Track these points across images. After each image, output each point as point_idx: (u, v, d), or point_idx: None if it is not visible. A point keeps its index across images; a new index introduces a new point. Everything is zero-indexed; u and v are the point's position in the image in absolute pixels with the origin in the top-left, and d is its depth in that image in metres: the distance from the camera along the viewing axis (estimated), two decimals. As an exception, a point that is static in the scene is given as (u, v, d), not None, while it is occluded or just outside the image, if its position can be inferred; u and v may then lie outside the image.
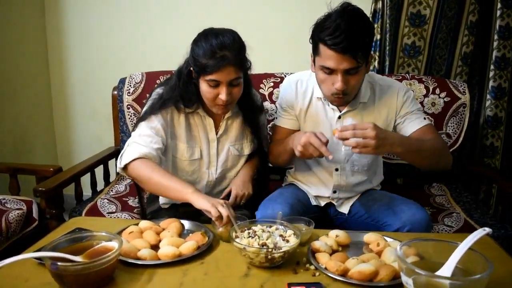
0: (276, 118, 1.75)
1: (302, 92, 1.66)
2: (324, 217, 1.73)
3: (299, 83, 1.66)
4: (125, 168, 1.46)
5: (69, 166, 2.11)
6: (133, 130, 1.55)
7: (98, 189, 2.18)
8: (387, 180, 1.85)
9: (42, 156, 2.83)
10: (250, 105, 1.67)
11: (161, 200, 1.70)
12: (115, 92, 2.23)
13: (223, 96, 1.45)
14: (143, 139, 1.48)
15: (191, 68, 1.50)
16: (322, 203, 1.70)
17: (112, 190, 2.08)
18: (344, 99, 1.50)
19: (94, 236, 1.16)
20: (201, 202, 1.32)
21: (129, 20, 2.67)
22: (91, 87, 2.82)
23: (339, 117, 1.61)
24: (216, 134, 1.65)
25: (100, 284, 1.05)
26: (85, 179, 2.11)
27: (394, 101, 1.60)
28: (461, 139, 2.15)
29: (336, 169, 1.65)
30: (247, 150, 1.72)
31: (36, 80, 2.76)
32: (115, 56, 2.71)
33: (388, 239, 1.29)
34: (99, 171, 2.21)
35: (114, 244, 1.11)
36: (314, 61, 1.51)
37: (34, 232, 1.85)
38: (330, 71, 1.43)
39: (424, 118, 1.60)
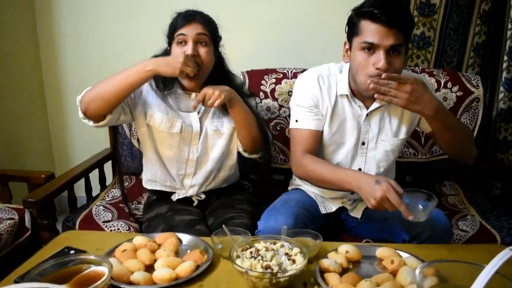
0: (297, 120, 1.52)
1: (326, 88, 1.50)
2: (333, 222, 1.63)
3: (321, 79, 1.50)
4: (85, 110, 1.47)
5: (66, 168, 2.03)
6: None
7: (94, 193, 2.08)
8: (396, 178, 1.75)
9: (37, 159, 2.72)
10: (229, 84, 1.58)
11: (148, 177, 1.69)
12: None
13: (189, 50, 1.48)
14: None
15: (167, 44, 1.56)
16: (334, 208, 1.60)
17: (108, 196, 1.99)
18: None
19: (83, 259, 1.06)
20: (164, 69, 1.38)
21: (125, 20, 2.55)
22: (85, 87, 2.71)
23: (367, 115, 1.49)
24: (198, 113, 1.61)
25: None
26: (81, 182, 2.02)
27: None
28: (474, 134, 2.04)
29: (360, 169, 1.55)
30: (227, 126, 1.65)
31: (29, 82, 2.64)
32: (110, 57, 2.59)
33: (403, 254, 1.19)
34: (94, 174, 2.12)
35: (103, 270, 1.01)
36: (350, 47, 1.41)
37: (27, 242, 1.77)
38: (372, 50, 1.32)
39: None
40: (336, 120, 1.51)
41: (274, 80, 2.09)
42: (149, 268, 1.14)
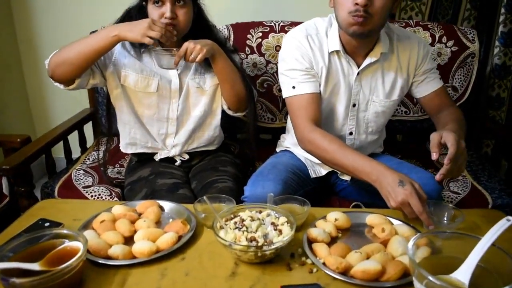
0: (293, 87, 1.39)
1: (318, 48, 1.39)
2: (322, 185, 1.58)
3: (310, 39, 1.39)
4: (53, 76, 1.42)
5: (46, 130, 1.93)
6: None
7: (75, 156, 2.00)
8: (387, 136, 1.70)
9: (16, 123, 2.60)
10: (211, 39, 1.48)
11: (127, 141, 1.63)
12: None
13: (167, 13, 1.39)
14: None
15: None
16: (324, 172, 1.54)
17: (88, 159, 1.91)
18: (365, 24, 1.24)
19: (57, 234, 1.00)
20: (130, 34, 1.32)
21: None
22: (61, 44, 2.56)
23: (358, 74, 1.41)
24: (177, 70, 1.53)
25: (64, 294, 0.90)
26: (60, 145, 1.94)
27: (415, 54, 1.43)
28: (468, 92, 1.98)
29: (351, 133, 1.49)
30: (210, 83, 1.58)
31: (2, 43, 2.48)
32: (86, 14, 2.43)
33: (394, 222, 1.15)
34: (74, 136, 2.03)
35: (78, 245, 0.95)
36: None
37: (6, 209, 1.70)
38: None
39: (440, 79, 1.46)
40: (331, 82, 1.42)
41: (260, 34, 1.98)
42: (129, 240, 1.08)
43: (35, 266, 0.90)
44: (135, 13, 1.50)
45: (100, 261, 0.99)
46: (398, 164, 1.44)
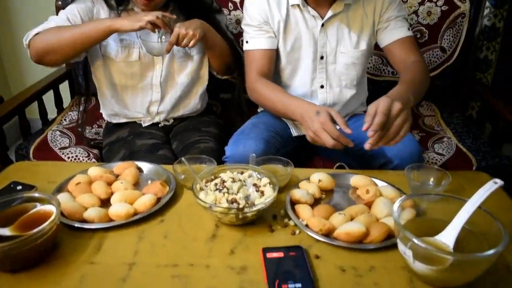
0: (247, 42, 1.44)
1: (276, 2, 1.39)
2: (304, 144, 1.54)
3: None
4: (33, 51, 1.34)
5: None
6: None
7: (51, 117, 1.93)
8: (372, 97, 1.65)
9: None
10: (193, 4, 1.44)
11: (109, 112, 1.58)
12: (59, 2, 1.89)
13: None
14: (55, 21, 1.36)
15: None
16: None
17: (65, 119, 1.84)
18: None
19: (29, 197, 0.95)
20: (122, 22, 1.25)
21: None
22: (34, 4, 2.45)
23: (322, 25, 1.38)
24: (158, 32, 1.42)
25: (37, 260, 0.86)
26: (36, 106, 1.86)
27: (380, 0, 1.38)
28: (456, 53, 1.93)
29: (322, 86, 1.45)
30: (195, 50, 1.51)
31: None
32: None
33: (379, 183, 1.12)
34: (50, 97, 1.95)
35: (51, 209, 0.91)
36: None
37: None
38: None
39: (408, 29, 1.40)
40: (290, 36, 1.41)
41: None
42: (106, 203, 1.04)
43: (5, 231, 0.87)
44: None
45: (75, 225, 0.96)
46: None
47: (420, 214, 0.93)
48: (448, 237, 0.82)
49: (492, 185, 0.85)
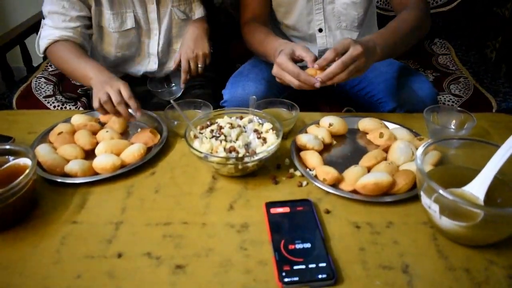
0: None
1: None
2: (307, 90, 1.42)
3: None
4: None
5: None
6: None
7: (36, 63, 1.79)
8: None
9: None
10: None
11: None
12: None
13: None
14: (55, 20, 1.18)
15: None
16: None
17: (51, 65, 1.70)
18: None
19: (2, 150, 0.84)
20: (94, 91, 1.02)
21: None
22: None
23: None
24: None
25: (14, 220, 0.78)
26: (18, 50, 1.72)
27: None
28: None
29: (320, 30, 1.30)
30: (198, 13, 1.32)
31: None
32: None
33: (390, 126, 1.01)
34: (33, 41, 1.79)
35: (27, 162, 0.81)
36: None
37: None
38: None
39: None
40: None
41: None
42: (91, 154, 0.94)
43: (-23, 187, 0.76)
44: None
45: (56, 180, 0.86)
46: (390, 66, 1.27)
47: (444, 162, 0.82)
48: (478, 188, 0.71)
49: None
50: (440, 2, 1.81)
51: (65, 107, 1.42)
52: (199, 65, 1.24)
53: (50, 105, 1.43)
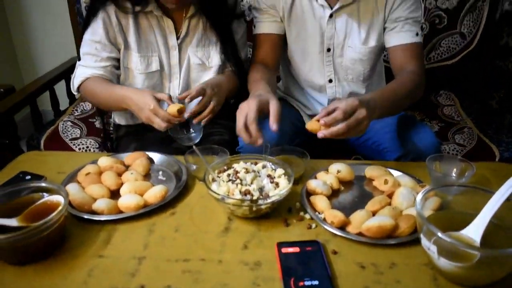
0: (254, 26, 1.42)
1: None
2: (316, 138, 1.50)
3: None
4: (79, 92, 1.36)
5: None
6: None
7: (63, 107, 1.91)
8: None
9: (3, 75, 2.48)
10: (214, 3, 1.34)
11: (119, 115, 1.50)
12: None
13: None
14: (88, 60, 1.32)
15: None
16: None
17: (77, 110, 1.81)
18: None
19: (37, 187, 0.92)
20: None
21: None
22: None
23: (331, 16, 1.31)
24: (178, 38, 1.35)
25: (45, 253, 0.84)
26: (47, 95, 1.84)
27: None
28: (476, 39, 1.87)
29: (330, 80, 1.40)
30: (215, 60, 1.40)
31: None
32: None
33: (395, 173, 1.08)
34: (62, 87, 1.93)
35: (59, 199, 0.88)
36: None
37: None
38: None
39: (417, 34, 1.30)
40: (295, 23, 1.36)
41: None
42: (116, 194, 1.01)
43: (12, 222, 0.84)
44: None
45: (84, 217, 0.93)
46: (396, 117, 1.33)
47: (444, 207, 0.88)
48: (474, 231, 0.77)
49: (521, 176, 0.80)
50: (445, 56, 1.91)
51: (90, 150, 1.51)
52: (205, 117, 1.26)
53: (76, 147, 1.52)
